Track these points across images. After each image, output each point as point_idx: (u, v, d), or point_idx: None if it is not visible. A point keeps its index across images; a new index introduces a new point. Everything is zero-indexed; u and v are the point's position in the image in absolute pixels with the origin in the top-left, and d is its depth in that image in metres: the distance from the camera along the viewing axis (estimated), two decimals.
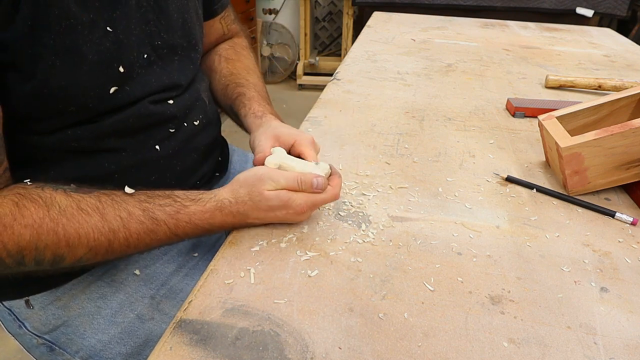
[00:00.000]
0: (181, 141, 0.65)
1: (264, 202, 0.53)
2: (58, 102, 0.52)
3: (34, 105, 0.51)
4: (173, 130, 0.64)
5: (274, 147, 0.60)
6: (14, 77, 0.49)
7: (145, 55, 0.59)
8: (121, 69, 0.56)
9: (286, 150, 0.60)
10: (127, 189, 0.53)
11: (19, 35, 0.47)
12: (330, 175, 0.58)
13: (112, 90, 0.55)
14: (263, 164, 0.57)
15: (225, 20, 0.84)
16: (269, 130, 0.64)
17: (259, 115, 0.69)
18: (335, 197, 0.56)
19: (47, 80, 0.50)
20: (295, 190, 0.53)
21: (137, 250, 0.53)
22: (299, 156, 0.60)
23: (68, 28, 0.50)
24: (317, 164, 0.57)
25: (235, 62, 0.82)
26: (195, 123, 0.68)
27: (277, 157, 0.58)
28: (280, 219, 0.55)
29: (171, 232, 0.52)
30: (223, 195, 0.54)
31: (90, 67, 0.52)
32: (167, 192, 0.54)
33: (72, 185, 0.51)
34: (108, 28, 0.54)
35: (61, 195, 0.48)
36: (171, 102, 0.63)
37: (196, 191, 0.55)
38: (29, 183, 0.49)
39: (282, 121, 0.69)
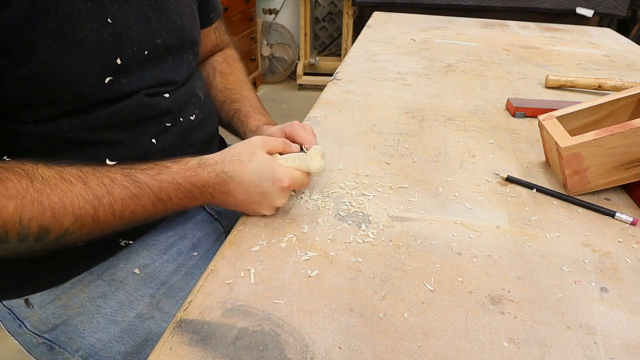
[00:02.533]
0: (177, 136, 0.66)
1: (255, 162, 0.54)
2: (54, 89, 0.52)
3: (29, 92, 0.51)
4: (169, 125, 0.65)
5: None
6: (8, 62, 0.49)
7: (146, 52, 0.60)
8: (118, 61, 0.56)
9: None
10: (108, 162, 0.53)
11: (15, 19, 0.47)
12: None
13: (107, 80, 0.56)
14: None
15: (218, 31, 0.87)
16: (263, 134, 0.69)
17: (254, 130, 0.74)
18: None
19: (43, 65, 0.50)
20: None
21: (123, 221, 0.52)
22: (297, 141, 0.64)
23: (65, 14, 0.50)
24: (307, 150, 0.61)
25: (228, 76, 0.84)
26: (192, 118, 0.69)
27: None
28: (261, 197, 0.56)
29: (155, 196, 0.52)
30: (209, 155, 0.56)
31: (86, 54, 0.53)
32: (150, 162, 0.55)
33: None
34: (108, 19, 0.55)
35: (43, 167, 0.48)
36: (167, 95, 0.64)
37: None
38: (7, 159, 0.48)
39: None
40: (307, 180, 0.59)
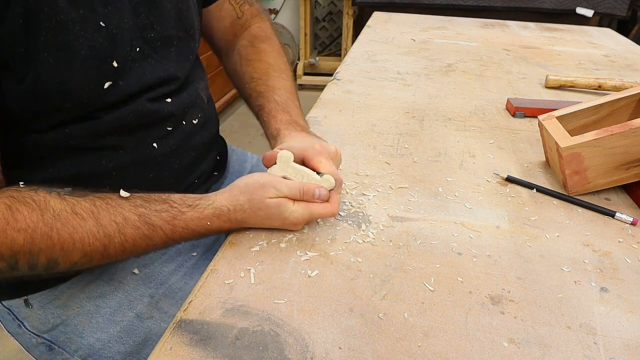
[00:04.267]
0: (179, 139, 0.65)
1: (264, 210, 0.53)
2: (53, 99, 0.52)
3: (29, 104, 0.51)
4: (171, 129, 0.64)
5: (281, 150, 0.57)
6: (7, 77, 0.49)
7: (138, 49, 0.58)
8: (115, 64, 0.55)
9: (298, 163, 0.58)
10: (123, 193, 0.52)
11: (11, 33, 0.47)
12: (331, 190, 0.56)
13: (106, 85, 0.55)
14: (269, 164, 0.57)
15: (235, 1, 0.79)
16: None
17: (274, 135, 0.66)
18: (333, 214, 0.55)
19: (41, 77, 0.50)
20: (296, 200, 0.54)
21: (133, 255, 0.52)
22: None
23: (59, 24, 0.49)
24: (321, 175, 0.56)
25: (255, 63, 0.76)
26: (194, 122, 0.68)
27: (281, 167, 0.56)
28: (275, 227, 0.56)
29: (167, 238, 0.52)
30: (221, 202, 0.54)
31: (83, 63, 0.52)
32: (164, 197, 0.53)
33: (66, 188, 0.50)
34: (101, 23, 0.53)
35: (55, 198, 0.47)
36: (169, 100, 0.63)
37: (193, 195, 0.55)
38: (22, 185, 0.48)
39: (303, 127, 0.67)
40: (330, 209, 0.55)
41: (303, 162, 0.58)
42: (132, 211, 0.51)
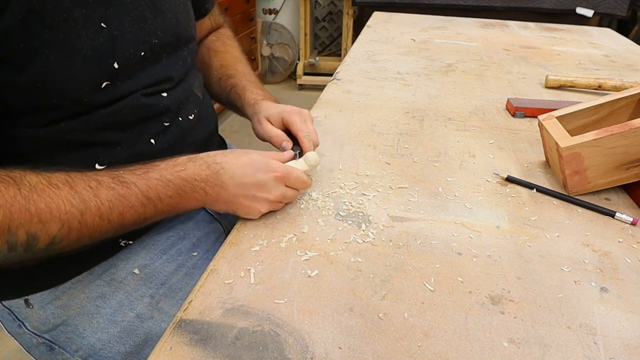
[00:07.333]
0: (176, 135, 0.66)
1: (247, 156, 0.55)
2: (52, 96, 0.52)
3: (27, 99, 0.51)
4: (167, 124, 0.64)
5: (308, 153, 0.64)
6: (6, 71, 0.49)
7: (142, 53, 0.59)
8: (115, 65, 0.56)
9: (281, 128, 0.68)
10: (98, 166, 0.52)
11: (11, 28, 0.47)
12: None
13: (104, 85, 0.55)
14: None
15: (213, 15, 0.88)
16: (261, 116, 0.70)
17: (251, 103, 0.74)
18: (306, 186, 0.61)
19: (41, 73, 0.50)
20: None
21: (112, 224, 0.50)
22: (292, 130, 0.67)
23: (62, 22, 0.50)
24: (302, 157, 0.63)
25: (223, 54, 0.85)
26: (190, 117, 0.68)
27: (302, 163, 0.62)
28: (255, 189, 0.56)
29: (143, 195, 0.51)
30: (200, 153, 0.56)
31: (83, 61, 0.52)
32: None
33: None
34: (102, 24, 0.54)
35: (31, 173, 0.47)
36: (164, 94, 0.64)
37: None
38: None
39: (275, 101, 0.75)
40: (305, 178, 0.60)
41: (282, 122, 0.68)
42: (106, 175, 0.51)
